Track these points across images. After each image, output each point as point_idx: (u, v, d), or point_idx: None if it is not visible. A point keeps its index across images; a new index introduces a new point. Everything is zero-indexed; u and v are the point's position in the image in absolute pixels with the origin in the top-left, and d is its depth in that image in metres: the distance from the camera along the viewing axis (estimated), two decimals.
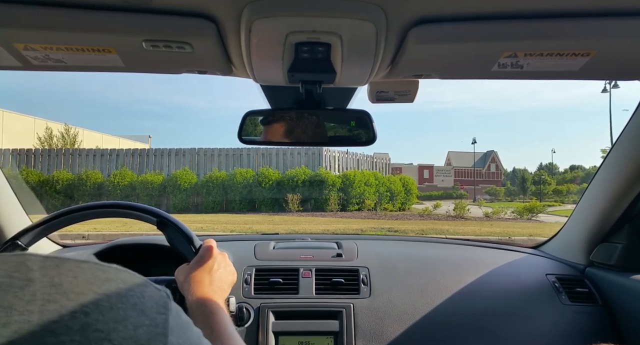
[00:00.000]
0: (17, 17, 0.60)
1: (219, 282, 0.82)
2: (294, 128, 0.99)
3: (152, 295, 0.31)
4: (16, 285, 0.26)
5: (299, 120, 0.99)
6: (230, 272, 0.88)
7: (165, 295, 0.32)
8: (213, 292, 0.77)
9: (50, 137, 17.88)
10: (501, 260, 1.40)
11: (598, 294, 1.26)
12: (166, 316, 0.30)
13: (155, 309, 0.30)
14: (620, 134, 1.14)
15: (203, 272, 0.81)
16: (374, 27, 0.61)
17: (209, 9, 0.61)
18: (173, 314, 0.31)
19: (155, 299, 0.30)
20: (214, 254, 0.87)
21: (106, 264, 0.31)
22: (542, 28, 0.63)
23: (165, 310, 0.30)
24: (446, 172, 49.85)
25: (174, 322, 0.30)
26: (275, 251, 1.41)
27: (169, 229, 0.95)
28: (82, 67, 0.76)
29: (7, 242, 0.95)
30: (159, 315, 0.29)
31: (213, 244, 0.90)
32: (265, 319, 1.16)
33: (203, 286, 0.77)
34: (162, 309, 0.30)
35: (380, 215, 11.95)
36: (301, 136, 1.00)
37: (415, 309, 1.19)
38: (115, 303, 0.27)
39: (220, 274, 0.84)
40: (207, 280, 0.80)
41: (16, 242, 0.95)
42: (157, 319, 0.29)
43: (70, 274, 0.28)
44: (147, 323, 0.28)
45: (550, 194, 30.56)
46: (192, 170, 13.49)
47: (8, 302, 0.25)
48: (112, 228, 7.80)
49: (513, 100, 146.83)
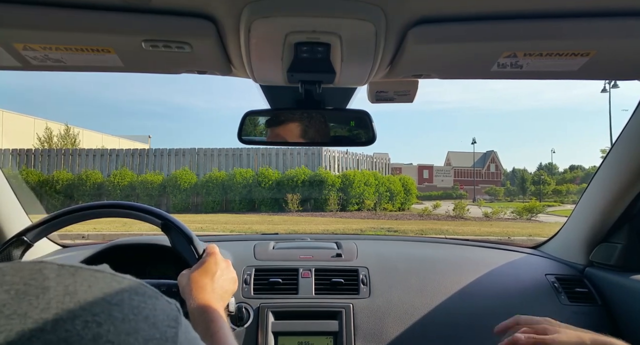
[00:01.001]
0: (17, 17, 0.60)
1: (220, 290, 0.81)
2: (293, 128, 0.99)
3: (164, 308, 0.31)
4: (31, 293, 0.26)
5: (299, 120, 0.99)
6: (232, 280, 0.87)
7: (175, 309, 0.32)
8: (214, 299, 0.76)
9: (50, 137, 17.89)
10: (501, 260, 1.40)
11: (597, 294, 1.26)
12: (176, 330, 0.30)
13: (166, 322, 0.29)
14: (620, 134, 1.14)
15: (205, 278, 0.80)
16: (373, 27, 0.61)
17: (208, 9, 0.61)
18: (183, 329, 0.31)
19: (166, 312, 0.30)
20: (218, 260, 0.86)
21: (120, 274, 0.31)
22: (542, 28, 0.63)
23: (176, 323, 0.30)
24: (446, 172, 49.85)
25: (183, 337, 0.30)
26: (274, 251, 1.41)
27: (173, 232, 0.95)
28: (82, 67, 0.76)
29: (13, 238, 0.95)
30: (170, 328, 0.29)
31: (216, 250, 0.89)
32: (264, 319, 1.15)
33: (205, 292, 0.77)
34: (172, 322, 0.30)
35: (379, 215, 11.95)
36: (301, 136, 1.00)
37: (414, 309, 1.19)
38: (127, 314, 0.27)
39: (222, 282, 0.83)
40: (209, 287, 0.79)
41: (22, 238, 0.95)
42: (167, 333, 0.29)
43: (85, 283, 0.28)
44: (158, 336, 0.28)
45: (549, 194, 30.59)
46: (191, 170, 13.49)
47: (22, 310, 0.25)
48: (112, 228, 7.80)
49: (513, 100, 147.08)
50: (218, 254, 0.88)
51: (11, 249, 0.94)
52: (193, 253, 0.92)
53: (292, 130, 0.99)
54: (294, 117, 0.99)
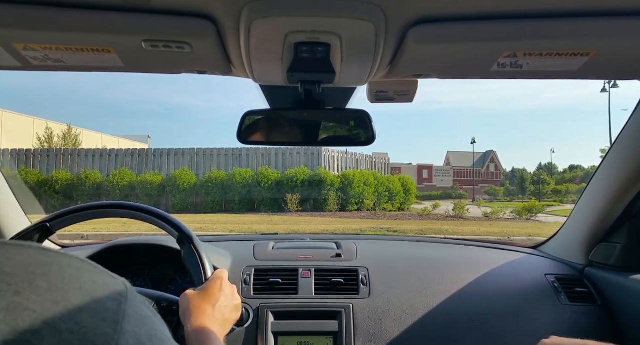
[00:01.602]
0: (17, 17, 0.60)
1: (221, 317, 0.79)
2: (293, 128, 0.99)
3: (107, 282, 0.29)
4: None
5: (299, 120, 0.99)
6: (236, 308, 0.86)
7: (122, 284, 0.30)
8: (213, 324, 0.75)
9: (50, 137, 17.87)
10: (500, 260, 1.40)
11: (597, 294, 1.26)
12: (120, 302, 0.28)
13: (107, 294, 0.28)
14: (619, 134, 1.14)
15: (208, 304, 0.79)
16: (373, 27, 0.61)
17: (208, 9, 0.61)
18: (131, 303, 0.29)
19: (109, 286, 0.29)
20: (223, 287, 0.84)
21: (55, 249, 0.30)
22: (542, 28, 0.63)
23: (121, 297, 0.28)
24: (445, 172, 49.84)
25: (132, 311, 0.28)
26: (274, 251, 1.41)
27: (187, 248, 0.95)
28: (82, 67, 0.76)
29: (38, 223, 0.98)
30: (111, 300, 0.28)
31: (225, 275, 0.88)
32: (264, 320, 1.15)
33: (205, 317, 0.75)
34: (116, 295, 0.28)
35: (379, 215, 11.95)
36: (300, 136, 1.00)
37: (414, 309, 1.19)
38: (55, 284, 0.26)
39: (224, 309, 0.81)
40: (209, 313, 0.77)
41: (45, 225, 0.98)
42: (107, 304, 0.27)
43: (6, 254, 0.27)
44: (94, 306, 0.26)
45: (549, 194, 30.60)
46: (191, 170, 13.48)
47: None
48: (111, 228, 7.79)
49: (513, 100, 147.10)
50: (225, 280, 0.87)
51: (33, 233, 0.98)
52: (201, 274, 0.91)
53: (291, 130, 0.99)
54: (293, 117, 0.99)
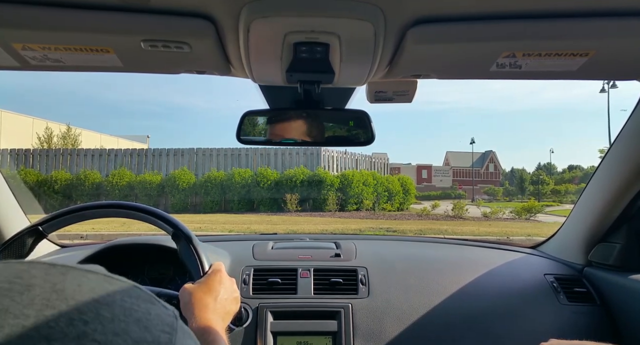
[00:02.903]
0: (16, 17, 0.60)
1: (222, 310, 0.80)
2: (292, 128, 0.99)
3: (159, 313, 0.29)
4: (15, 290, 0.25)
5: (298, 120, 0.99)
6: (235, 300, 0.86)
7: (172, 315, 0.31)
8: (216, 319, 0.75)
9: (49, 137, 17.85)
10: (499, 260, 1.40)
11: (596, 293, 1.26)
12: (171, 336, 0.28)
13: (160, 326, 0.28)
14: (618, 134, 1.14)
15: (209, 297, 0.79)
16: (372, 27, 0.61)
17: (207, 9, 0.61)
18: (179, 335, 0.29)
19: (161, 317, 0.29)
20: (222, 279, 0.85)
21: (116, 276, 0.30)
22: (541, 28, 0.63)
23: (171, 329, 0.29)
24: (444, 172, 49.83)
25: (180, 343, 0.29)
26: (273, 251, 1.41)
27: (183, 242, 0.95)
28: (81, 67, 0.76)
29: (29, 227, 0.96)
30: (164, 333, 0.28)
31: (222, 268, 0.88)
32: (263, 319, 1.15)
33: (207, 312, 0.76)
34: (167, 327, 0.29)
35: (378, 215, 11.95)
36: (300, 136, 1.00)
37: (413, 309, 1.19)
38: (117, 315, 0.26)
39: (225, 302, 0.82)
40: (211, 306, 0.78)
41: (37, 228, 0.96)
42: (160, 337, 0.27)
43: (75, 282, 0.27)
44: (150, 340, 0.27)
45: (548, 194, 30.60)
46: (190, 170, 13.47)
47: (3, 306, 0.24)
48: (111, 228, 7.78)
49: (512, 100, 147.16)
50: (223, 272, 0.87)
51: (25, 237, 0.96)
52: (199, 268, 0.91)
53: (291, 130, 0.99)
54: (292, 117, 0.99)
